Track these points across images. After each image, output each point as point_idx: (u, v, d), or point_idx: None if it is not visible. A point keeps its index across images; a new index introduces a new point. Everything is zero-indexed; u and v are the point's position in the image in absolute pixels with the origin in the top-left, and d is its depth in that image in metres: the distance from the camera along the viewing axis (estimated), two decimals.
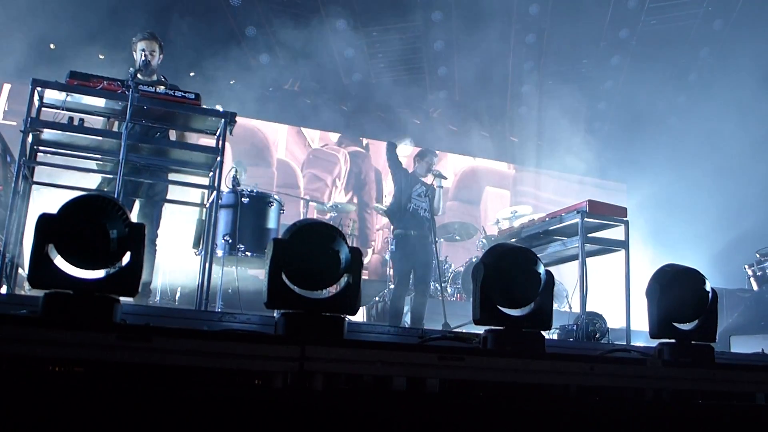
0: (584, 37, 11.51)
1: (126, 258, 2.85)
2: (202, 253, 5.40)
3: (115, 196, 4.71)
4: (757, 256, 9.04)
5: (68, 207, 2.75)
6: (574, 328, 5.96)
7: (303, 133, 13.16)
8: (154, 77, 6.07)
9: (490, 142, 12.76)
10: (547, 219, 7.17)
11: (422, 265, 7.79)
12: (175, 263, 7.63)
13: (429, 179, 8.02)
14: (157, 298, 7.36)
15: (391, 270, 8.64)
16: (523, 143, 12.76)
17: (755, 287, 8.87)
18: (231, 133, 5.42)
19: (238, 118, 5.41)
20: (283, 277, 2.95)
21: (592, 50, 11.93)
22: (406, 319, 8.60)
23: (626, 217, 6.56)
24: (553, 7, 11.30)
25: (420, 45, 12.04)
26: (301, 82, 11.55)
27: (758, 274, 8.77)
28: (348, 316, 3.44)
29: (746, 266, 9.19)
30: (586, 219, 6.39)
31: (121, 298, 2.91)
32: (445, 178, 8.08)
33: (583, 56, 12.11)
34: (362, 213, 12.94)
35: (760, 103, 10.39)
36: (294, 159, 12.99)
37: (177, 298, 7.61)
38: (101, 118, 5.57)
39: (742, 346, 6.76)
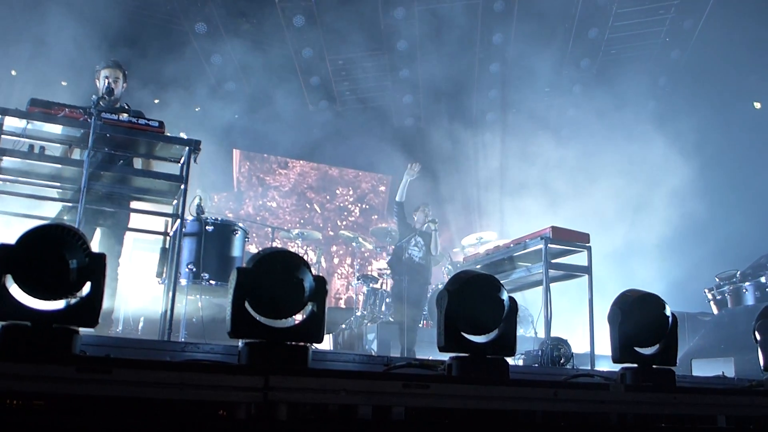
0: (546, 66, 11.72)
1: (86, 288, 2.81)
2: (166, 281, 5.34)
3: (76, 225, 4.64)
4: (717, 280, 9.19)
5: (26, 236, 2.71)
6: (539, 353, 5.98)
7: (272, 159, 13.16)
8: (118, 105, 6.02)
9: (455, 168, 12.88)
10: (511, 245, 7.24)
11: (412, 306, 8.44)
12: (138, 292, 7.53)
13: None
14: (120, 327, 7.23)
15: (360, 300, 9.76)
16: (487, 171, 12.89)
17: (715, 311, 9.00)
18: (196, 161, 5.38)
19: (204, 146, 5.38)
20: (247, 306, 2.92)
21: (554, 78, 12.16)
22: (373, 347, 8.58)
23: (589, 242, 6.65)
24: (516, 36, 11.51)
25: (386, 73, 12.15)
26: (267, 108, 11.55)
27: (718, 297, 8.91)
28: (313, 345, 3.42)
29: (706, 290, 9.33)
30: (549, 245, 6.46)
31: (81, 329, 2.86)
32: (436, 222, 8.85)
33: (546, 85, 12.32)
34: (330, 238, 12.94)
35: (716, 129, 10.66)
36: (262, 185, 12.97)
37: (140, 327, 7.48)
38: (62, 146, 5.50)
39: (703, 369, 6.84)
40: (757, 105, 11.67)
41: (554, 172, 11.51)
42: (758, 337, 4.09)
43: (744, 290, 8.57)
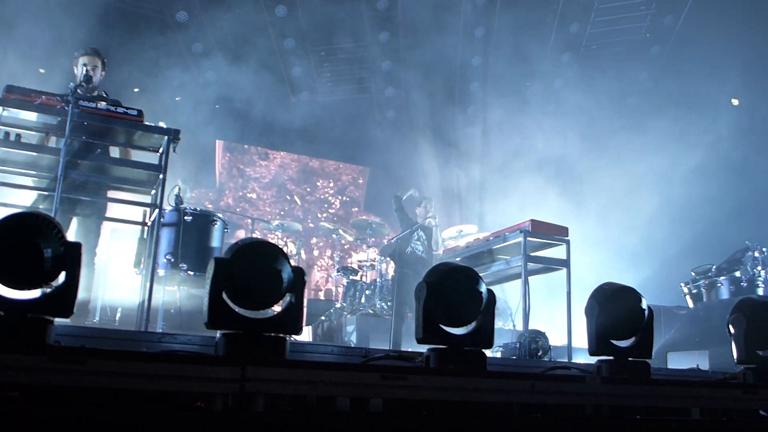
0: (528, 60, 11.75)
1: (61, 277, 2.78)
2: (143, 272, 5.31)
3: (52, 214, 4.59)
4: (693, 274, 9.29)
5: (0, 225, 2.67)
6: (517, 345, 6.02)
7: (252, 150, 13.09)
8: (96, 93, 5.96)
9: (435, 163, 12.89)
10: (491, 238, 7.26)
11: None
12: (115, 282, 7.47)
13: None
14: (96, 318, 7.18)
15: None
16: (468, 164, 12.91)
17: (691, 304, 9.10)
18: (175, 151, 5.34)
19: (184, 135, 5.35)
20: (224, 296, 2.91)
21: (536, 72, 12.20)
22: (352, 338, 8.59)
23: (568, 236, 6.68)
24: (498, 30, 11.53)
25: (368, 65, 12.13)
26: (249, 98, 11.48)
27: (693, 291, 9.01)
28: (293, 336, 3.41)
29: (682, 284, 9.43)
30: (528, 238, 6.49)
31: (56, 319, 2.83)
32: (436, 218, 9.22)
33: (527, 78, 12.35)
34: (310, 230, 12.91)
35: (694, 125, 10.76)
36: (242, 176, 12.91)
37: (117, 318, 7.43)
38: (38, 134, 5.43)
39: (678, 362, 6.91)
40: (735, 102, 11.79)
41: (535, 165, 11.56)
42: (732, 331, 4.14)
43: (719, 284, 8.67)
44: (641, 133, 11.17)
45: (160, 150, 5.37)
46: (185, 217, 6.59)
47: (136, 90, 10.17)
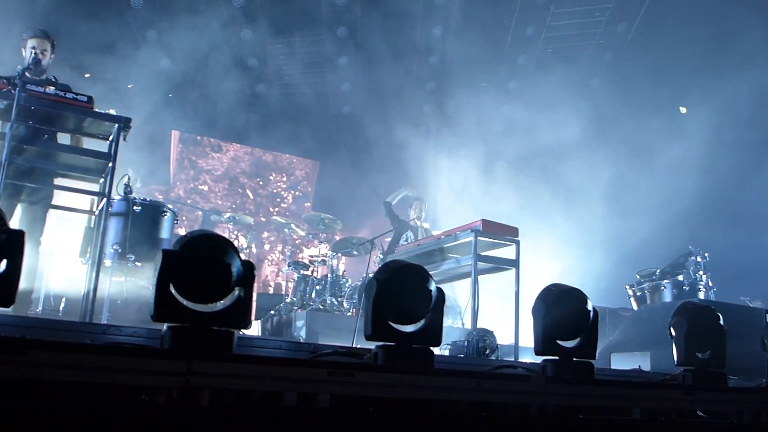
0: (484, 61, 11.85)
1: (2, 266, 2.70)
2: (89, 262, 5.20)
3: None
4: (638, 277, 9.49)
5: None
6: (465, 344, 6.07)
7: (205, 142, 12.93)
8: (44, 77, 5.82)
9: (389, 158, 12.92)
10: (442, 236, 7.31)
11: None
12: (60, 272, 7.30)
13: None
14: (39, 308, 7.00)
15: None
16: (421, 163, 12.96)
17: (635, 307, 9.30)
18: (125, 139, 5.25)
19: (137, 125, 5.26)
20: (171, 289, 2.87)
21: (493, 73, 12.32)
22: (301, 333, 8.55)
23: (518, 236, 6.76)
24: (455, 29, 11.60)
25: (325, 59, 12.08)
26: (203, 89, 11.32)
27: (638, 294, 9.21)
28: (241, 330, 3.38)
29: (627, 286, 9.63)
30: (479, 237, 6.54)
31: None
32: (421, 218, 9.50)
33: (483, 79, 12.46)
34: (261, 224, 12.81)
35: (643, 130, 11.00)
36: (194, 168, 12.74)
37: (61, 308, 7.26)
38: None
39: (621, 362, 7.06)
40: (683, 109, 12.09)
41: (487, 166, 11.67)
42: (673, 333, 4.25)
43: (663, 288, 8.88)
44: (592, 138, 11.37)
45: (110, 138, 5.26)
46: (134, 207, 6.48)
47: (87, 75, 9.94)
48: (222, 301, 3.23)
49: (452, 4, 11.39)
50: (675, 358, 4.26)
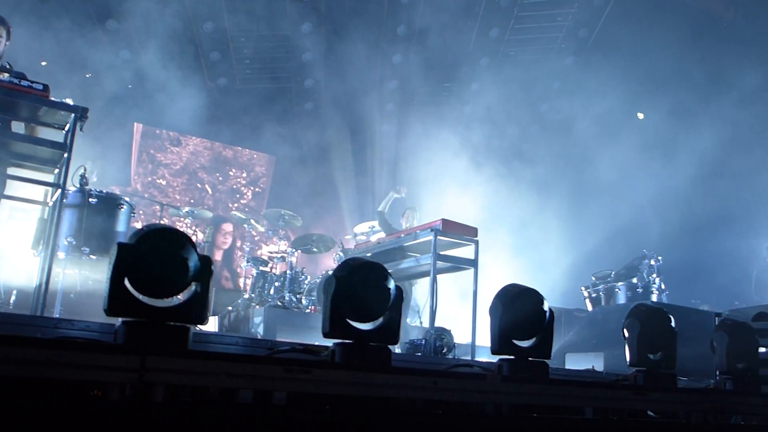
0: (448, 60, 11.91)
1: None
2: (42, 254, 5.09)
3: None
4: (593, 278, 9.65)
5: None
6: (423, 342, 6.10)
7: (164, 135, 12.74)
8: None
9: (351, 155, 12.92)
10: (402, 235, 7.33)
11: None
12: (11, 264, 7.12)
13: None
14: None
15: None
16: (383, 162, 12.99)
17: (590, 308, 9.45)
18: (82, 129, 5.14)
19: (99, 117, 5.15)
20: (126, 283, 2.82)
21: (456, 74, 12.39)
22: (259, 330, 8.49)
23: (477, 236, 6.81)
24: (420, 29, 11.63)
25: (289, 55, 12.01)
26: (164, 81, 11.15)
27: (593, 295, 9.36)
28: (198, 326, 3.34)
29: (583, 288, 9.78)
30: (439, 237, 6.58)
31: None
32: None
33: (446, 79, 12.53)
34: (218, 220, 12.68)
35: (602, 135, 11.18)
36: (152, 162, 12.55)
37: (12, 301, 7.08)
38: None
39: (575, 363, 7.16)
40: (640, 115, 12.31)
41: (448, 166, 11.73)
42: (626, 335, 4.32)
43: (617, 290, 9.04)
44: (552, 141, 11.52)
45: (66, 128, 5.15)
46: (90, 199, 6.35)
47: (44, 63, 9.72)
48: (178, 296, 3.19)
49: (417, 4, 11.41)
50: (627, 359, 4.34)
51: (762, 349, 5.16)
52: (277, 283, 9.31)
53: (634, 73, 11.17)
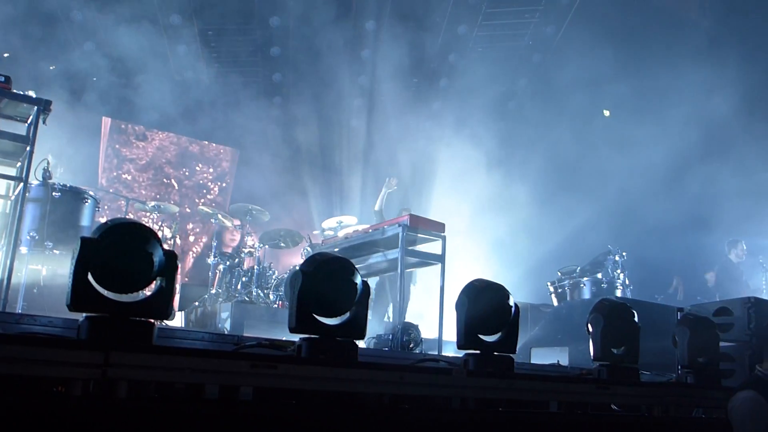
0: (416, 56, 11.93)
1: None
2: (4, 248, 5.02)
3: None
4: (559, 274, 9.75)
5: None
6: (390, 337, 6.12)
7: (129, 130, 12.58)
8: None
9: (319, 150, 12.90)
10: (370, 230, 7.34)
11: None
12: None
13: None
14: None
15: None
16: (351, 157, 12.97)
17: (555, 303, 9.55)
18: (45, 122, 5.08)
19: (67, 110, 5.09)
20: (90, 277, 2.78)
21: (424, 69, 12.41)
22: (226, 325, 8.45)
23: (444, 232, 6.85)
24: (389, 25, 11.63)
25: (257, 48, 11.94)
26: (129, 75, 11.00)
27: (559, 290, 9.46)
28: (164, 322, 3.32)
29: (549, 283, 9.88)
30: (407, 232, 6.60)
31: None
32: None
33: (414, 75, 12.54)
34: (186, 215, 12.57)
35: (568, 131, 11.30)
36: (117, 156, 12.39)
37: None
38: None
39: (541, 357, 7.23)
40: (606, 113, 12.46)
41: (416, 162, 11.77)
42: (590, 329, 4.37)
43: (582, 285, 9.15)
44: (519, 137, 11.61)
45: (29, 120, 5.08)
46: (53, 193, 6.28)
47: (6, 55, 9.55)
48: (143, 291, 3.16)
49: (386, 0, 11.42)
50: (591, 354, 4.39)
51: (722, 344, 5.27)
52: (244, 278, 9.27)
53: (600, 70, 11.28)
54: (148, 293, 3.06)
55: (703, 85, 10.66)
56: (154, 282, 3.02)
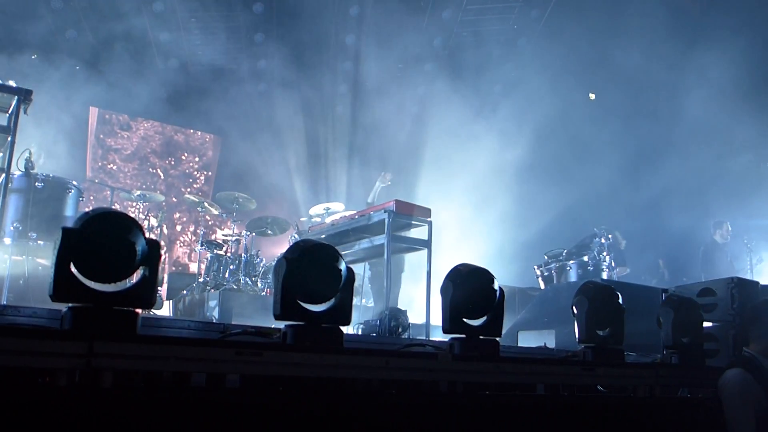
0: (401, 42, 11.90)
1: None
2: None
3: None
4: (545, 257, 9.80)
5: None
6: (378, 323, 6.14)
7: (114, 120, 12.49)
8: None
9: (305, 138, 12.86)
10: (356, 216, 7.34)
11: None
12: None
13: None
14: None
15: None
16: (337, 143, 12.95)
17: (542, 286, 9.61)
18: (26, 112, 5.04)
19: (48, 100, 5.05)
20: (72, 267, 2.77)
21: (409, 55, 12.38)
22: (214, 314, 8.46)
23: (430, 217, 6.87)
24: (372, 10, 11.58)
25: (241, 36, 11.86)
26: (113, 63, 10.92)
27: (545, 274, 9.51)
28: (151, 311, 3.31)
29: (535, 267, 9.93)
30: (393, 218, 6.61)
31: None
32: None
33: (400, 60, 12.51)
34: (173, 205, 12.52)
35: (554, 115, 11.32)
36: (102, 147, 12.30)
37: None
38: None
39: (528, 340, 7.28)
40: (592, 96, 12.49)
41: (402, 147, 11.76)
42: (575, 312, 4.40)
43: (568, 268, 9.20)
44: (505, 122, 11.61)
45: (10, 110, 5.04)
46: (36, 183, 6.24)
47: None
48: (127, 281, 3.15)
49: None
50: (577, 336, 4.42)
51: (706, 324, 5.31)
52: (232, 267, 9.27)
53: (585, 53, 11.30)
54: (131, 282, 3.06)
55: (687, 65, 10.69)
56: (138, 271, 3.01)
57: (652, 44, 11.17)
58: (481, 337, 3.90)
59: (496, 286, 3.90)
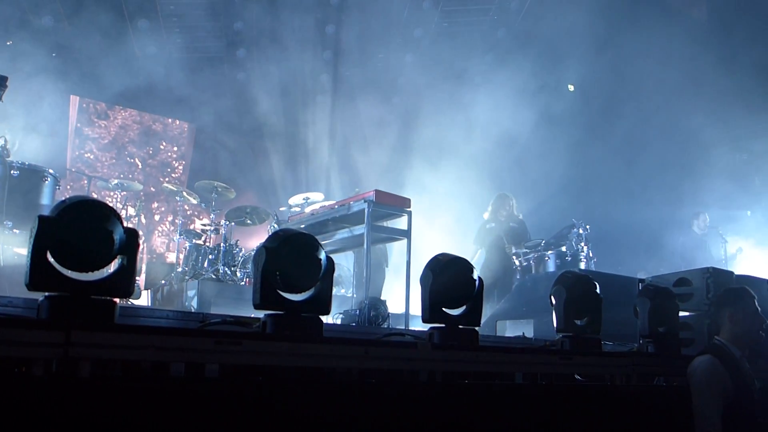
0: (381, 33, 11.88)
1: None
2: None
3: None
4: (524, 247, 9.85)
5: None
6: (357, 313, 6.15)
7: (91, 109, 12.35)
8: None
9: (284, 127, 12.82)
10: (336, 206, 7.34)
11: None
12: None
13: None
14: None
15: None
16: (317, 133, 12.92)
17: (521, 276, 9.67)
18: (1, 99, 4.97)
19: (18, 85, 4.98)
20: (48, 256, 2.74)
21: (390, 45, 12.36)
22: (192, 303, 8.42)
23: (410, 207, 6.88)
24: (353, 1, 11.55)
25: (220, 23, 11.77)
26: (87, 50, 10.78)
27: (524, 264, 9.56)
28: (130, 300, 3.28)
29: (514, 257, 9.97)
30: (372, 208, 6.61)
31: None
32: None
33: (380, 50, 12.49)
34: (151, 194, 12.42)
35: (533, 107, 11.37)
36: (79, 136, 12.16)
37: None
38: None
39: (507, 330, 7.34)
40: (571, 87, 12.55)
41: (382, 137, 11.75)
42: (553, 301, 4.43)
43: (547, 258, 9.26)
44: (483, 112, 11.63)
45: None
46: (11, 171, 6.17)
47: None
48: (104, 270, 3.13)
49: None
50: (555, 325, 4.46)
51: (682, 313, 5.38)
52: (210, 256, 9.23)
53: (564, 44, 11.34)
54: (109, 271, 3.03)
55: (668, 56, 10.78)
56: (116, 260, 2.98)
57: (630, 32, 11.24)
58: (460, 326, 3.92)
59: (475, 276, 3.92)
